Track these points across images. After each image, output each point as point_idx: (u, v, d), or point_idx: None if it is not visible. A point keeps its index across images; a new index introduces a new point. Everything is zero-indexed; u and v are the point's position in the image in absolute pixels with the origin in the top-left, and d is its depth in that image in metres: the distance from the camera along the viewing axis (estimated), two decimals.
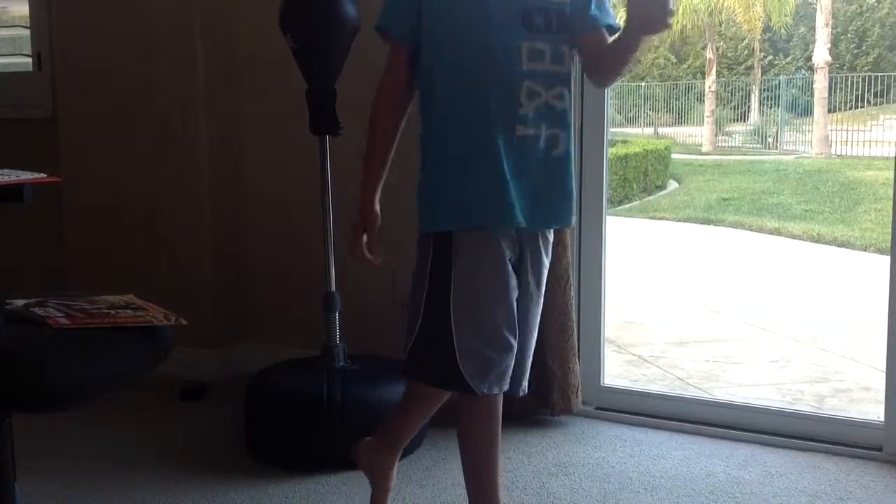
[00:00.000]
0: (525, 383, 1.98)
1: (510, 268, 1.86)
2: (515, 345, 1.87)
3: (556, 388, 2.89)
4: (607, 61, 1.91)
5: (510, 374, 1.89)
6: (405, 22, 1.90)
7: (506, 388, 1.90)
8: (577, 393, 2.93)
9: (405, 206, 2.00)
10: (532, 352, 1.99)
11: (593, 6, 1.90)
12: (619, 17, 1.89)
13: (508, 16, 1.81)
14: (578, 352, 2.96)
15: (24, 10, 3.68)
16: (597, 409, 3.05)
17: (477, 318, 1.84)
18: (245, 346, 3.51)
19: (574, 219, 2.01)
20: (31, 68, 3.64)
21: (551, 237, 1.99)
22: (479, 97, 1.83)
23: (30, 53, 3.63)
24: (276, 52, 2.85)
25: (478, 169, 1.83)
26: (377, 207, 1.99)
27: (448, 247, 1.84)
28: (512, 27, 1.81)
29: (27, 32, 3.65)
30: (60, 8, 3.53)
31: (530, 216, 1.85)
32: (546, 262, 1.97)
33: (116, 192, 3.50)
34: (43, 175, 2.04)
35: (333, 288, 2.85)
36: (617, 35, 1.88)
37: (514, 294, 1.87)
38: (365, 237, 1.98)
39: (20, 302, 1.77)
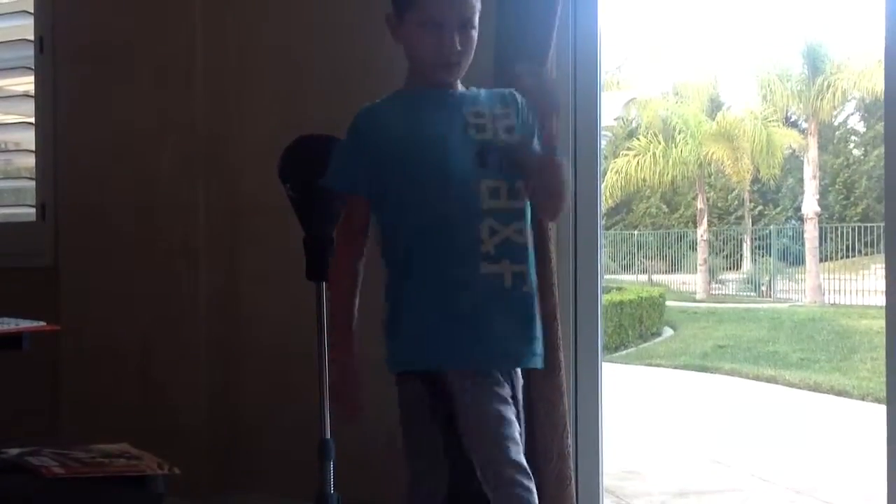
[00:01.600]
0: None
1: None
2: None
3: None
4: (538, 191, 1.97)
5: None
6: (350, 175, 2.02)
7: None
8: None
9: None
10: None
11: (536, 142, 1.98)
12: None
13: (466, 157, 1.90)
14: (577, 502, 2.90)
15: (29, 161, 3.76)
16: None
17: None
18: (238, 495, 3.44)
19: (540, 361, 2.04)
20: (33, 218, 3.69)
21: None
22: (441, 236, 1.90)
23: (33, 204, 3.69)
24: (277, 199, 2.90)
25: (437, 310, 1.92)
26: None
27: None
28: (470, 167, 1.90)
29: (31, 184, 3.72)
30: (66, 159, 3.62)
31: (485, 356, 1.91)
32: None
33: (114, 339, 3.50)
34: (42, 323, 2.06)
35: (329, 435, 2.82)
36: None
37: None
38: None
39: (14, 451, 1.76)
